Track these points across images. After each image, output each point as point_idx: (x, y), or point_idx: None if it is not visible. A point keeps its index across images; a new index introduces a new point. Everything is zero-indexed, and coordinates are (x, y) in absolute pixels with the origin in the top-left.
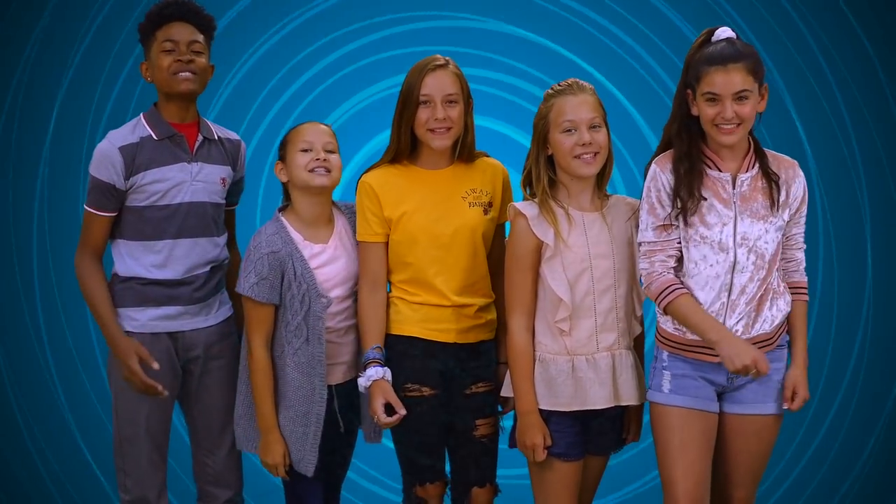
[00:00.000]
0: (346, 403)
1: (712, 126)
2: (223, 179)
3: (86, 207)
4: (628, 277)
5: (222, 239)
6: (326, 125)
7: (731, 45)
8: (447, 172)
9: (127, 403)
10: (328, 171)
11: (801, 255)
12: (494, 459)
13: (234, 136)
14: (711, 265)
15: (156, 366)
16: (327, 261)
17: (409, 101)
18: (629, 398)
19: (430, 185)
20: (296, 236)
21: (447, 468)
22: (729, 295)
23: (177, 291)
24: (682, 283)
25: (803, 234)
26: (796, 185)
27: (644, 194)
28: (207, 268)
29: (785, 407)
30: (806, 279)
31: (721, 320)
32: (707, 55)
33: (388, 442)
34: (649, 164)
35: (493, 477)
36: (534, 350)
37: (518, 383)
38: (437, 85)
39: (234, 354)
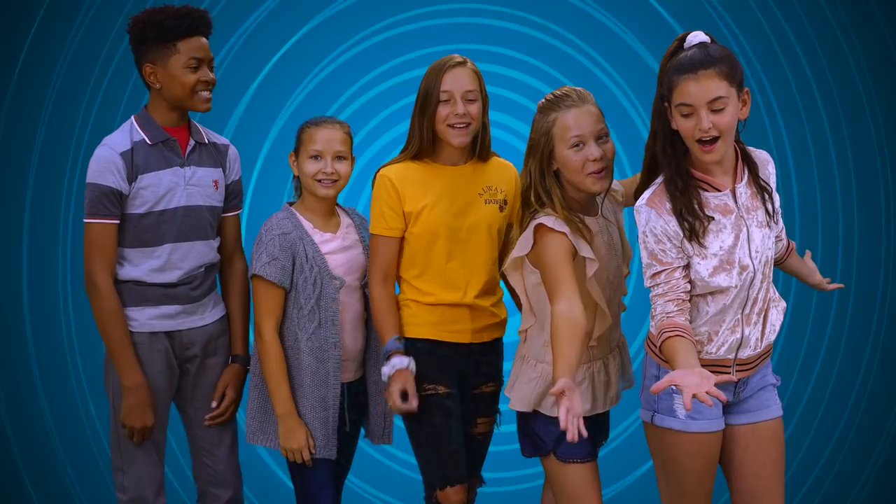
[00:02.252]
0: (352, 403)
1: (693, 142)
2: (216, 182)
3: (91, 221)
4: (621, 276)
5: (216, 242)
6: (342, 125)
7: (702, 50)
8: (465, 169)
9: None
10: (334, 181)
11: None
12: (485, 454)
13: (223, 139)
14: (735, 285)
15: (150, 422)
16: (336, 249)
17: (429, 99)
18: (619, 396)
19: (449, 180)
20: (306, 224)
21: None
22: (743, 310)
23: (175, 291)
24: (679, 325)
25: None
26: (772, 179)
27: (641, 240)
28: (202, 268)
29: (832, 288)
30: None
31: (738, 334)
32: (677, 63)
33: (374, 452)
34: (638, 189)
35: (480, 470)
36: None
37: (568, 352)
38: (456, 82)
39: (228, 353)
